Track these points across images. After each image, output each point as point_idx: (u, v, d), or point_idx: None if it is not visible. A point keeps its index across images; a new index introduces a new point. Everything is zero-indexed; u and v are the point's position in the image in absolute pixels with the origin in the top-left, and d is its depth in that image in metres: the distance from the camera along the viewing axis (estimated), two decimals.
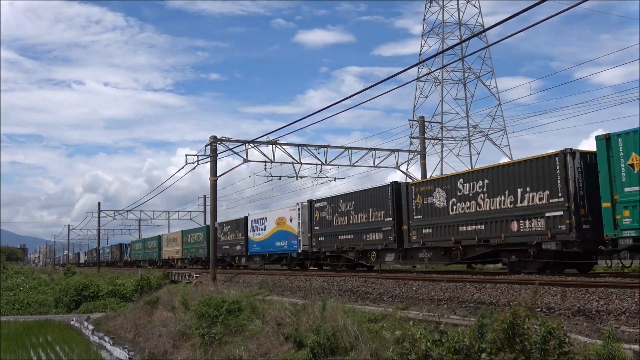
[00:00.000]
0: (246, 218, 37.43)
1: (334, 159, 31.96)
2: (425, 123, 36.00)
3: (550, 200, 16.53)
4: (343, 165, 32.72)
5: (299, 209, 30.35)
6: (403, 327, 10.82)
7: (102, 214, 69.79)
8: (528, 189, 17.25)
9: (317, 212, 28.56)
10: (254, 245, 36.04)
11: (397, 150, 33.52)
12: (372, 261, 25.21)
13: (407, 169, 37.49)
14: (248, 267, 39.26)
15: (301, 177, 32.84)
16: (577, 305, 12.16)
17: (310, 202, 29.43)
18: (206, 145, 30.51)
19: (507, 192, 17.99)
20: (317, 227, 28.44)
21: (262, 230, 34.96)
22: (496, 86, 59.98)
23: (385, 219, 23.45)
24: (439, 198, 20.84)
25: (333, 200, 27.55)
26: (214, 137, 30.03)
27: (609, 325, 9.50)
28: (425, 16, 61.53)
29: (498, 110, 58.13)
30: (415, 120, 39.11)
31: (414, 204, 22.07)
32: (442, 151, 57.05)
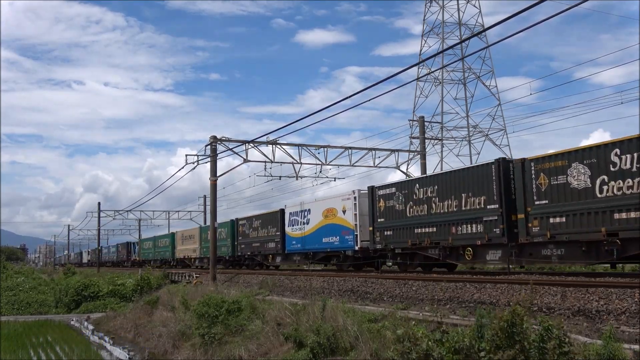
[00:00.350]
0: (282, 211, 33.06)
1: (334, 159, 32.01)
2: (425, 123, 36.04)
3: None
4: (343, 165, 32.78)
5: (355, 197, 25.84)
6: (404, 326, 10.84)
7: (102, 214, 69.84)
8: None
9: (381, 200, 24.02)
10: (293, 242, 31.53)
11: (397, 150, 33.54)
12: (467, 259, 20.27)
13: (407, 169, 37.55)
14: (280, 267, 35.58)
15: (301, 177, 32.89)
16: (577, 305, 12.16)
17: (373, 188, 24.83)
18: (206, 145, 30.56)
19: None
20: (382, 219, 23.85)
21: (304, 224, 30.36)
22: (496, 86, 60.08)
23: (488, 207, 18.68)
24: (577, 176, 16.18)
25: (405, 185, 22.94)
26: (214, 137, 30.04)
27: (609, 325, 9.50)
28: (425, 16, 61.63)
29: (498, 110, 58.21)
30: (415, 120, 39.13)
31: (534, 186, 17.34)
32: (442, 151, 57.13)
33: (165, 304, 27.22)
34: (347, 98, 16.80)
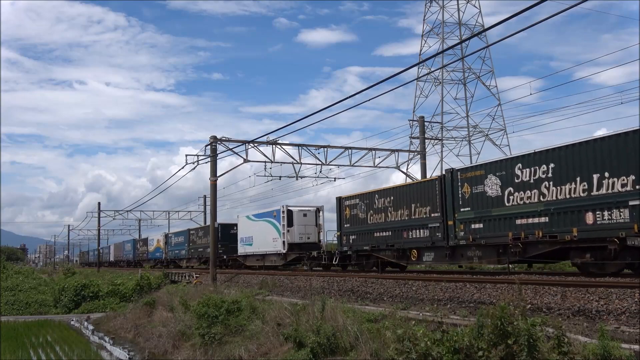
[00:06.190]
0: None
1: (334, 159, 32.01)
2: (425, 123, 36.01)
3: None
4: (343, 165, 32.79)
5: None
6: (404, 326, 10.83)
7: (102, 214, 69.90)
8: None
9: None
10: None
11: (397, 150, 33.55)
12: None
13: (407, 169, 37.55)
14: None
15: (301, 177, 32.91)
16: (577, 305, 12.16)
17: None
18: (206, 146, 30.55)
19: None
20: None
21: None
22: (496, 86, 60.13)
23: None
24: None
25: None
26: (214, 137, 30.05)
27: (601, 324, 9.56)
28: (425, 16, 61.66)
29: (498, 110, 58.21)
30: (415, 120, 39.11)
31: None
32: (442, 151, 57.11)
33: (165, 304, 27.20)
34: (347, 98, 16.86)
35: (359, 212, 25.85)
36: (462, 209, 19.77)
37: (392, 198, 23.74)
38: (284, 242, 33.05)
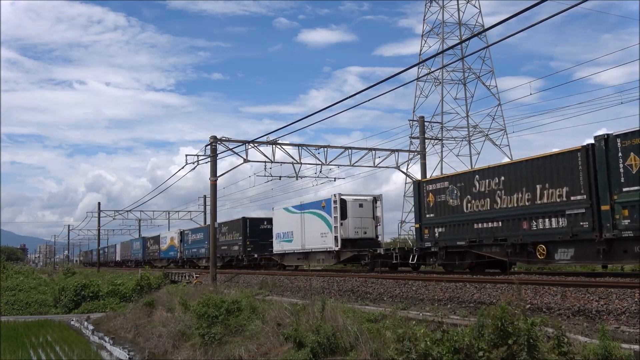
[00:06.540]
0: None
1: (334, 159, 31.98)
2: (425, 123, 35.95)
3: None
4: (343, 165, 32.78)
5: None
6: (405, 326, 10.85)
7: (102, 214, 69.93)
8: None
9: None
10: None
11: (397, 150, 33.51)
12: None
13: (407, 169, 37.54)
14: None
15: (301, 177, 32.90)
16: (577, 305, 12.17)
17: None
18: (206, 146, 30.57)
19: None
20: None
21: None
22: (496, 86, 60.16)
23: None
24: None
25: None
26: (214, 137, 30.06)
27: (601, 324, 9.56)
28: (425, 16, 61.72)
29: (498, 110, 58.23)
30: (415, 120, 39.04)
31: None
32: (442, 151, 57.10)
33: (165, 304, 27.23)
34: (347, 98, 16.86)
35: (449, 198, 21.24)
36: (625, 189, 14.79)
37: (502, 178, 19.01)
38: (336, 237, 27.85)
